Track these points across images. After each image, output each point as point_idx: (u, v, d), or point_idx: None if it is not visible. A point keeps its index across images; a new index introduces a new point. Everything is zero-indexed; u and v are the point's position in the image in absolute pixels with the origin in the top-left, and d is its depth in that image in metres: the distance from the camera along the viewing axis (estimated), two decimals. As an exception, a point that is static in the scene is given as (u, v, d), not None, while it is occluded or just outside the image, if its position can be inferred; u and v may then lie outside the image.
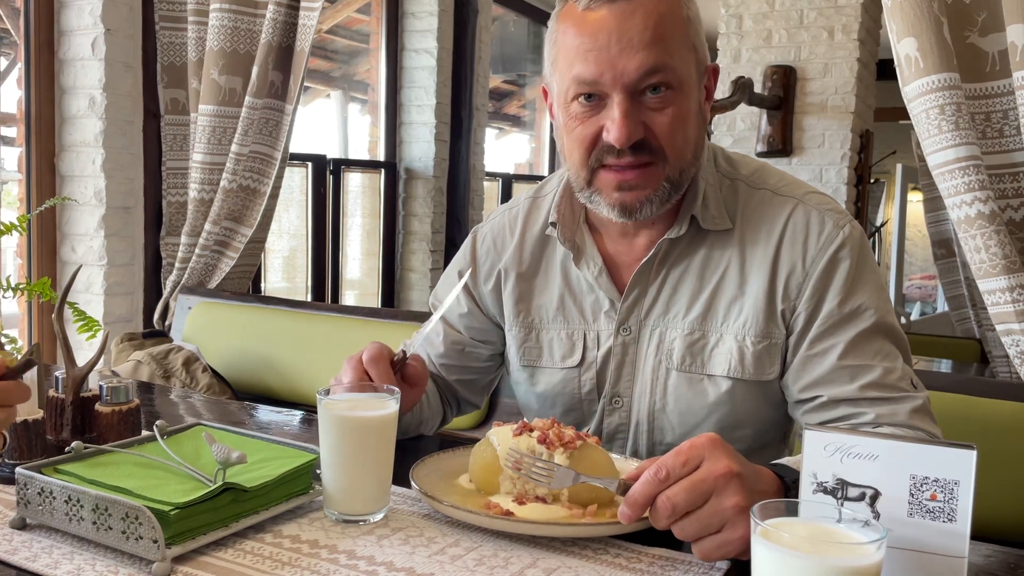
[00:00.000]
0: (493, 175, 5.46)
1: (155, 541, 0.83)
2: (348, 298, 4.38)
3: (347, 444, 0.94)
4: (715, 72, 1.19)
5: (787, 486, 0.88)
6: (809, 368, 1.13)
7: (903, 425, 1.07)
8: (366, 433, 0.95)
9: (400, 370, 1.13)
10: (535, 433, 1.02)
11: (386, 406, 0.96)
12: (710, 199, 1.19)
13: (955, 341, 4.78)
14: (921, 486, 0.70)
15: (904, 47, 1.83)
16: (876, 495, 0.71)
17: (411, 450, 1.29)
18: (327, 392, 0.98)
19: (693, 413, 1.20)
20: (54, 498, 0.89)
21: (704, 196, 1.19)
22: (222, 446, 0.94)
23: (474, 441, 2.38)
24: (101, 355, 1.13)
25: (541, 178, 6.42)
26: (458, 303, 1.36)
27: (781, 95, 4.65)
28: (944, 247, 4.95)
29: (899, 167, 7.94)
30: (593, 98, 1.11)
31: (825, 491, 0.73)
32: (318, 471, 1.01)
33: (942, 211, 4.95)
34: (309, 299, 4.02)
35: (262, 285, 3.72)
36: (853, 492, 0.72)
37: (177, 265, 2.90)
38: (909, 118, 1.92)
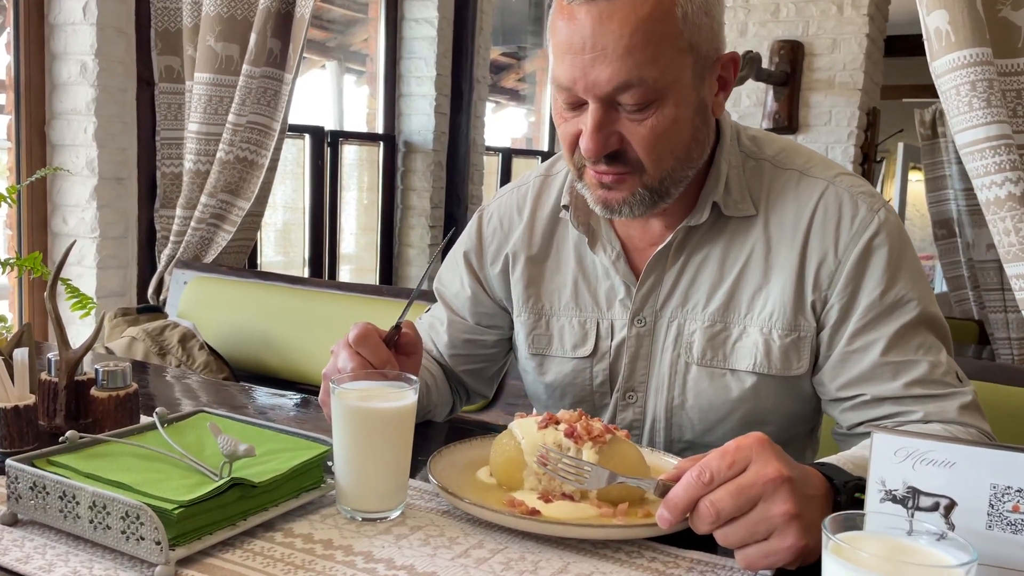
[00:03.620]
0: (493, 150, 5.36)
1: (158, 543, 0.76)
2: (345, 273, 4.31)
3: (364, 437, 0.88)
4: (733, 61, 1.08)
5: (836, 489, 0.83)
6: (848, 365, 1.07)
7: (953, 422, 1.01)
8: (384, 425, 0.88)
9: (393, 342, 1.06)
10: (561, 426, 0.95)
11: (404, 396, 0.90)
12: (732, 183, 1.12)
13: (953, 322, 4.74)
14: (1002, 496, 0.64)
15: (934, 20, 1.76)
16: (951, 505, 0.65)
17: (421, 437, 1.22)
18: (339, 381, 0.92)
19: (715, 409, 1.14)
20: (47, 494, 0.82)
21: (726, 180, 1.12)
22: (228, 438, 0.87)
23: (483, 425, 2.32)
24: (97, 337, 1.07)
25: (542, 154, 6.34)
26: (463, 287, 1.30)
27: (788, 71, 4.57)
28: (945, 227, 4.89)
29: (900, 146, 7.87)
30: (574, 99, 1.03)
31: (894, 500, 0.68)
32: (329, 463, 0.95)
33: (943, 191, 4.90)
34: (306, 274, 3.94)
35: (258, 259, 3.64)
36: (926, 502, 0.66)
37: (172, 238, 2.82)
38: (914, 96, 1.86)
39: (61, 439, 0.92)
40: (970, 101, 1.73)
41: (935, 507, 0.66)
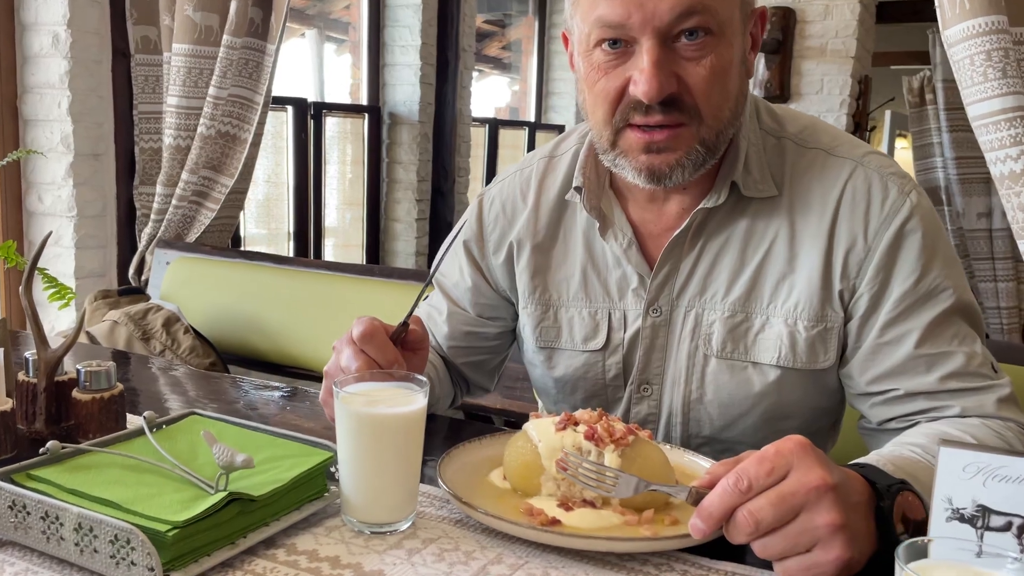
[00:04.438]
0: (478, 120, 5.26)
1: (151, 569, 0.70)
2: (329, 247, 4.22)
3: (371, 446, 0.82)
4: (763, 16, 1.04)
5: (879, 493, 0.77)
6: (880, 358, 1.01)
7: (992, 417, 0.96)
8: (393, 433, 0.82)
9: (400, 340, 0.99)
10: (581, 428, 0.89)
11: (414, 400, 0.83)
12: (752, 162, 1.05)
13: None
14: (1083, 516, 0.59)
15: (948, -14, 1.69)
16: (1025, 525, 0.60)
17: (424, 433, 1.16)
18: (342, 384, 0.85)
19: (735, 404, 1.08)
20: (28, 513, 0.75)
21: (746, 158, 1.05)
22: (224, 447, 0.81)
23: (482, 411, 2.26)
24: (78, 335, 0.99)
25: (528, 124, 6.23)
26: (463, 277, 1.23)
27: (780, 38, 4.49)
28: (933, 196, 4.86)
29: (888, 114, 7.83)
30: (619, 44, 0.96)
31: (962, 519, 0.62)
32: (332, 469, 0.89)
33: (931, 159, 4.86)
34: (290, 249, 3.85)
35: (240, 234, 3.54)
36: (997, 521, 0.61)
37: (152, 217, 2.72)
38: (903, 63, 1.79)
39: (42, 450, 0.85)
40: (985, 71, 1.67)
41: (1007, 527, 0.61)
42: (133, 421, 1.05)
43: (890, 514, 0.76)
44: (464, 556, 0.80)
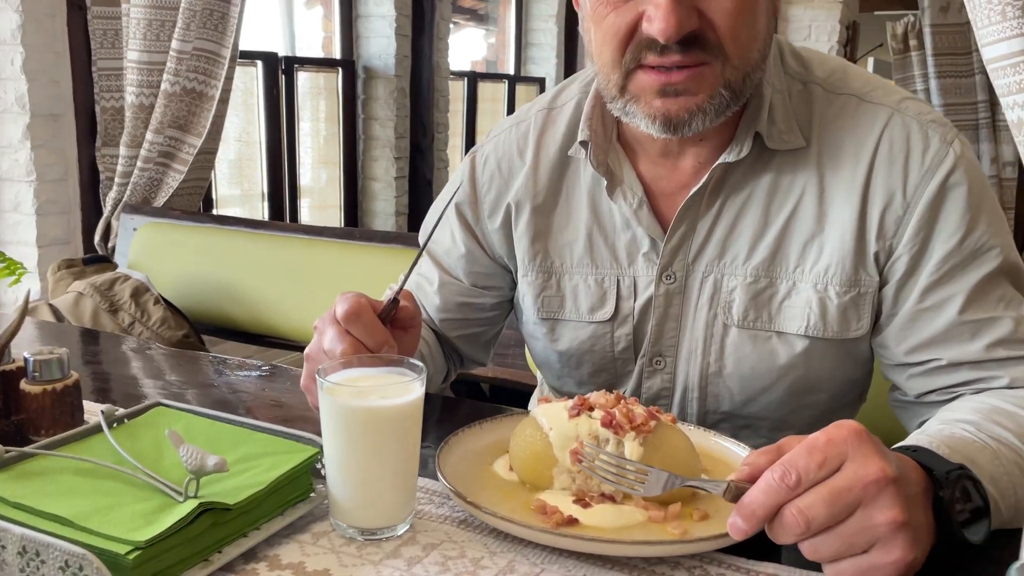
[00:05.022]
0: (456, 74, 5.09)
1: (109, 598, 0.60)
2: (306, 208, 4.08)
3: (363, 443, 0.71)
4: None
5: (937, 481, 0.68)
6: (920, 326, 0.92)
7: None
8: (387, 427, 0.72)
9: (390, 318, 0.88)
10: (596, 413, 0.80)
11: (410, 389, 0.73)
12: (777, 110, 0.95)
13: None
14: None
15: (966, -82, 1.58)
16: None
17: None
18: (326, 374, 0.75)
19: (758, 378, 0.99)
20: (-35, 534, 0.65)
21: (770, 106, 0.94)
22: (192, 449, 0.70)
23: (473, 384, 2.16)
24: (22, 320, 0.88)
25: (507, 77, 6.05)
26: (455, 244, 1.12)
27: (767, -17, 4.34)
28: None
29: (871, 60, 7.71)
30: None
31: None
32: (319, 466, 0.79)
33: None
34: (264, 211, 3.71)
35: (213, 196, 3.40)
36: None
37: (117, 180, 2.58)
38: (888, 9, 1.69)
39: (-18, 455, 0.74)
40: (1003, 10, 1.56)
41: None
42: (95, 412, 0.94)
43: (951, 506, 0.67)
44: (471, 565, 0.70)
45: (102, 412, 0.82)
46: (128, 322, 2.03)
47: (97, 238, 2.63)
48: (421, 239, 1.18)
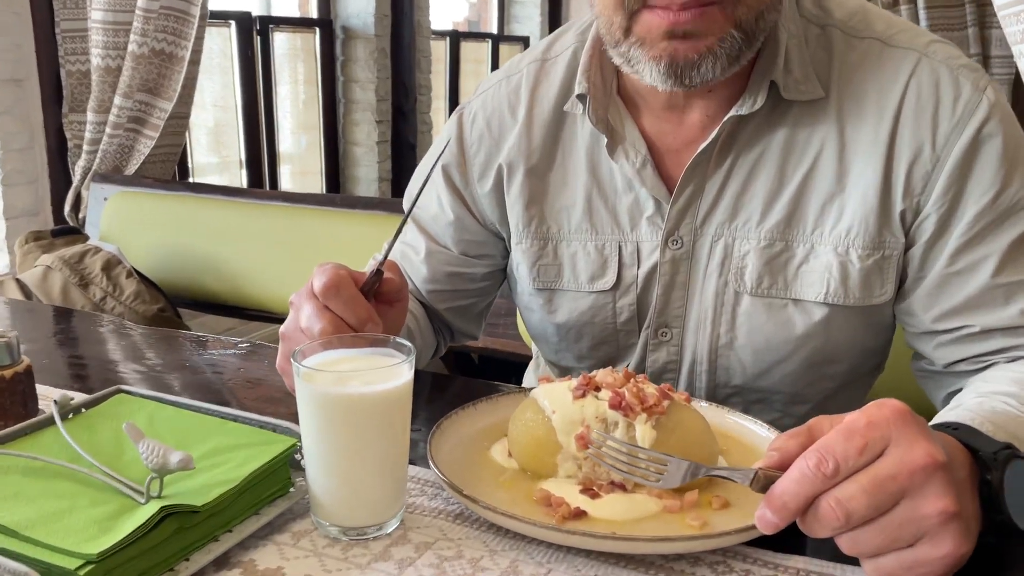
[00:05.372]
0: (437, 33, 4.95)
1: (58, 621, 0.52)
2: (286, 175, 3.97)
3: (346, 435, 0.64)
4: None
5: (983, 463, 0.62)
6: (950, 290, 0.85)
7: None
8: (373, 417, 0.64)
9: (373, 291, 0.80)
10: (604, 394, 0.72)
11: (398, 373, 0.65)
12: (793, 57, 0.86)
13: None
14: None
15: None
16: None
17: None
18: (302, 357, 0.67)
19: (773, 349, 0.92)
20: None
21: (786, 53, 0.86)
22: (153, 444, 0.62)
23: (463, 356, 2.08)
24: (-36, 301, 0.79)
25: (490, 37, 5.91)
26: (442, 210, 1.03)
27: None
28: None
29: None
30: None
31: None
32: (298, 457, 0.71)
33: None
34: (243, 178, 3.60)
35: (188, 165, 3.29)
36: None
37: (86, 148, 2.46)
38: None
39: (-83, 455, 0.65)
40: (1017, -47, 1.48)
41: None
42: (52, 393, 0.86)
43: (1000, 490, 0.61)
44: (470, 566, 0.63)
45: (55, 402, 0.74)
46: (100, 297, 1.94)
47: (67, 209, 2.52)
48: (406, 205, 1.10)
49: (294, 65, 3.92)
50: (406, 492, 0.70)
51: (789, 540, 0.64)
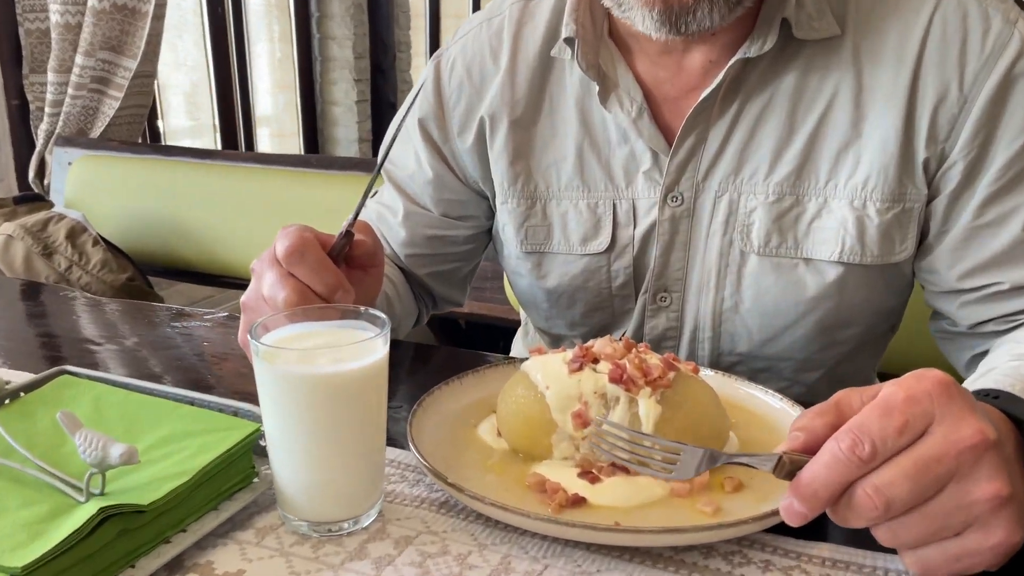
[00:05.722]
0: (417, -12, 4.78)
1: (-23, 648, 0.45)
2: (264, 138, 3.84)
3: (314, 420, 0.56)
4: None
5: None
6: (978, 245, 0.78)
7: None
8: (343, 399, 0.56)
9: (344, 255, 0.73)
10: (603, 366, 0.65)
11: (372, 349, 0.57)
12: None
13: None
14: None
15: None
16: None
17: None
18: (262, 333, 0.59)
19: (781, 313, 0.84)
20: None
21: None
22: (92, 435, 0.55)
23: (448, 325, 2.00)
24: None
25: (472, -10, 5.74)
26: (420, 167, 0.95)
27: None
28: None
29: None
30: None
31: None
32: (263, 443, 0.64)
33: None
34: (217, 142, 3.48)
35: (160, 129, 3.16)
36: None
37: (48, 110, 2.35)
38: None
39: None
40: None
41: None
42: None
43: None
44: (456, 564, 0.56)
45: (-12, 387, 0.66)
46: (65, 266, 1.85)
47: (31, 175, 2.41)
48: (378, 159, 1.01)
49: (268, 21, 3.77)
50: (384, 480, 0.63)
51: (812, 525, 0.57)
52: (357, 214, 0.72)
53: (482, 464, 0.66)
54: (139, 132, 2.51)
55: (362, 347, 0.57)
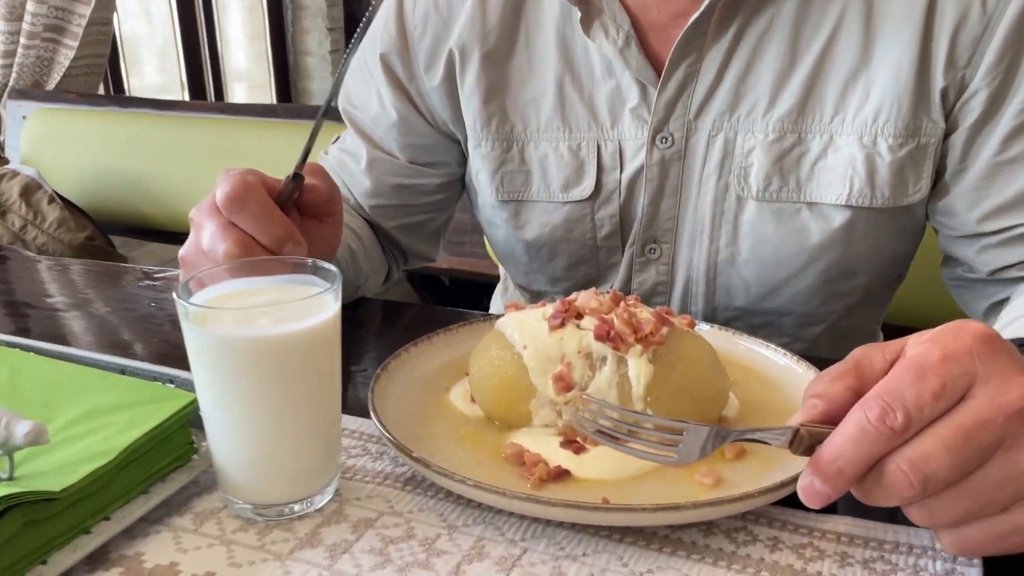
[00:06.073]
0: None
1: None
2: (236, 93, 3.71)
3: (253, 389, 0.49)
4: None
5: None
6: (1001, 182, 0.71)
7: None
8: (288, 365, 0.49)
9: (293, 200, 0.65)
10: (587, 322, 0.58)
11: (319, 307, 0.50)
12: None
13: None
14: None
15: None
16: None
17: (348, 326, 0.83)
18: (188, 290, 0.51)
19: (782, 264, 0.77)
20: None
21: None
22: (-4, 411, 0.47)
23: (426, 281, 1.92)
24: None
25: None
26: (384, 108, 0.87)
27: None
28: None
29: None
30: None
31: None
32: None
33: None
34: (186, 98, 3.35)
35: (124, 85, 3.04)
36: None
37: (0, 61, 2.22)
38: None
39: None
40: None
41: None
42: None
43: None
44: (422, 550, 0.49)
45: None
46: (19, 225, 1.75)
47: (-15, 131, 2.29)
48: (341, 104, 0.93)
49: (235, -31, 3.62)
50: (340, 455, 0.55)
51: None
52: (306, 154, 0.64)
53: (453, 434, 0.59)
54: (97, 83, 2.39)
55: (308, 304, 0.49)
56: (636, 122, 0.78)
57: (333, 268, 0.52)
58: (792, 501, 0.51)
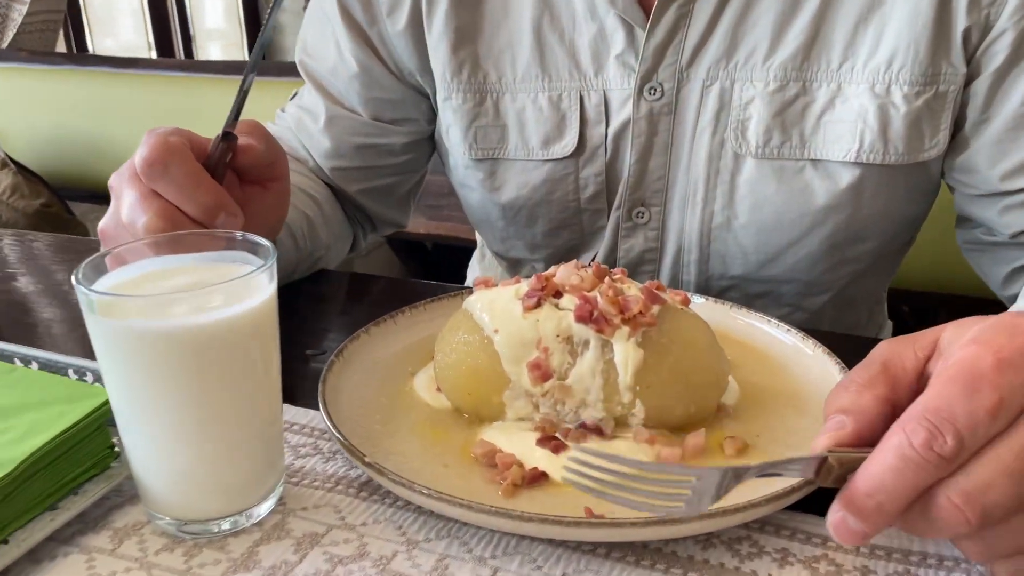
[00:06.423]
0: None
1: None
2: (211, 52, 3.57)
3: (172, 388, 0.41)
4: None
5: None
6: None
7: None
8: (213, 358, 0.41)
9: (225, 164, 0.57)
10: (567, 301, 0.50)
11: (250, 290, 0.42)
12: None
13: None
14: None
15: None
16: None
17: (309, 301, 0.76)
18: (92, 275, 0.43)
19: (783, 228, 0.70)
20: None
21: None
22: None
23: (417, 244, 1.83)
24: None
25: None
26: (342, 58, 0.78)
27: None
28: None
29: None
30: None
31: None
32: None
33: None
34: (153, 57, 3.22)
35: (88, 44, 2.91)
36: None
37: (-51, 18, 2.10)
38: None
39: None
40: None
41: None
42: None
43: None
44: (376, 571, 0.42)
45: None
46: (-30, 193, 1.65)
47: (-62, 93, 2.17)
48: (298, 56, 0.84)
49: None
50: (283, 458, 0.48)
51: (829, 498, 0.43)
52: (238, 111, 0.56)
53: (416, 430, 0.52)
54: (54, 41, 2.27)
55: (235, 287, 0.41)
56: (622, 70, 0.70)
57: (268, 243, 0.44)
58: (802, 505, 0.45)
